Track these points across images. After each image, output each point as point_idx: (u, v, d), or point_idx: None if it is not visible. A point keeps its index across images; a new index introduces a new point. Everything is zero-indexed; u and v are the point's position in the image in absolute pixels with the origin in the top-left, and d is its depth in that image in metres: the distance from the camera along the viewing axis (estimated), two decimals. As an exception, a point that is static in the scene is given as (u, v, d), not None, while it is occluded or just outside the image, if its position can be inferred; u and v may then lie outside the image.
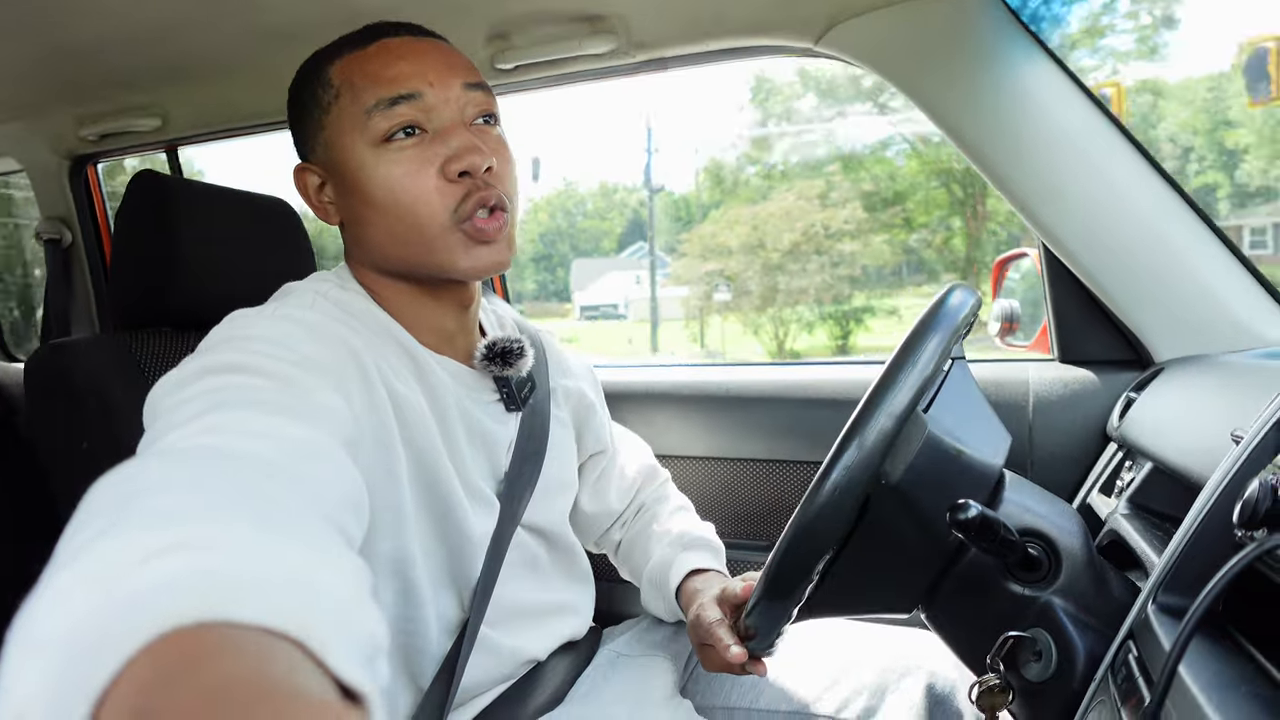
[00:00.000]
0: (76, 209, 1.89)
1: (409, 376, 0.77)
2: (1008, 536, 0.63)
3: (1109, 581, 0.69)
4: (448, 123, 0.72)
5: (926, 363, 0.64)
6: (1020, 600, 0.67)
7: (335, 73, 0.74)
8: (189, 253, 1.00)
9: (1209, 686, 0.37)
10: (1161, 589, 0.49)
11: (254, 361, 0.58)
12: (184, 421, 0.49)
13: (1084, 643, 0.63)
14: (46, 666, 0.27)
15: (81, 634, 0.28)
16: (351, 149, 0.73)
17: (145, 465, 0.43)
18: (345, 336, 0.71)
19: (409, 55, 0.73)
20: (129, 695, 0.25)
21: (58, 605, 0.30)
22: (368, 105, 0.71)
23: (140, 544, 0.32)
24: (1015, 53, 1.09)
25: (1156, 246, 1.06)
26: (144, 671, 0.25)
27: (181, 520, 0.34)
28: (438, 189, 0.71)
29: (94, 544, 0.33)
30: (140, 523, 0.34)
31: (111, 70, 1.53)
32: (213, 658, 0.25)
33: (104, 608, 0.28)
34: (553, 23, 1.28)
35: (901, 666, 0.91)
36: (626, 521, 1.11)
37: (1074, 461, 1.16)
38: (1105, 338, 1.19)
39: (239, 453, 0.45)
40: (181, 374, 0.57)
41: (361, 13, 1.32)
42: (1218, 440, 0.66)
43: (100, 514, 0.37)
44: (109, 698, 0.25)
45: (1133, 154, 1.08)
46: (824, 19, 1.15)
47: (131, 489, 0.39)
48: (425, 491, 0.78)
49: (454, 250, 0.73)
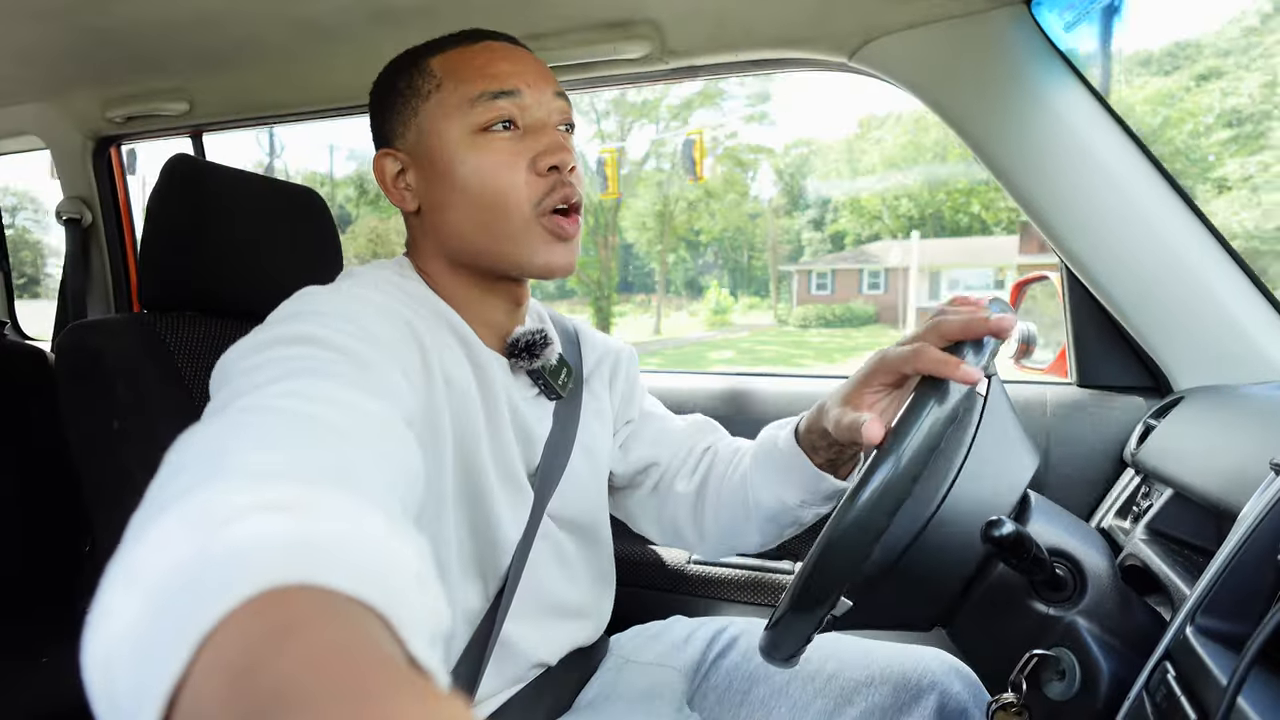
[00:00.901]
0: (98, 189, 1.90)
1: (464, 363, 0.79)
2: (1039, 555, 0.63)
3: (1132, 604, 0.70)
4: (539, 122, 0.77)
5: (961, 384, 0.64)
6: (1045, 619, 0.68)
7: (437, 64, 0.78)
8: (219, 237, 1.01)
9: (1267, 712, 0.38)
10: (1200, 612, 0.49)
11: (325, 334, 0.58)
12: (261, 385, 0.49)
13: (1108, 663, 0.64)
14: (143, 607, 0.28)
15: (181, 579, 0.29)
16: (448, 134, 0.76)
17: (233, 420, 0.44)
18: (409, 318, 0.73)
19: (511, 57, 0.78)
20: (230, 649, 0.25)
21: (159, 548, 0.31)
22: (471, 95, 0.75)
23: (237, 498, 0.33)
24: (1047, 76, 1.10)
25: (1181, 275, 1.07)
26: (245, 626, 0.26)
27: (275, 478, 0.36)
28: (526, 181, 0.75)
29: (193, 492, 0.34)
30: (237, 476, 0.36)
31: (143, 54, 1.54)
32: (315, 622, 0.26)
33: (205, 557, 0.29)
34: (587, 27, 1.29)
35: (915, 686, 0.91)
36: (695, 469, 0.99)
37: (1090, 485, 1.17)
38: (1124, 363, 1.20)
39: (318, 417, 0.45)
40: (254, 341, 0.58)
41: (392, 8, 1.34)
42: (1247, 469, 0.67)
43: (195, 464, 0.38)
44: (208, 647, 0.26)
45: (1160, 182, 1.08)
46: (858, 35, 1.16)
47: (223, 444, 0.40)
48: (464, 477, 0.79)
49: (534, 244, 0.77)
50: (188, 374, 0.96)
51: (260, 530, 0.30)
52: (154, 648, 0.26)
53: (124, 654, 0.28)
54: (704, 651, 1.03)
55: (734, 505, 0.93)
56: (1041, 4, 1.09)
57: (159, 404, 0.89)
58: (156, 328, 0.97)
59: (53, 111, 1.82)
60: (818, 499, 0.85)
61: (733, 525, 0.94)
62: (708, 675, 1.01)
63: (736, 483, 0.93)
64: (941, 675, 0.92)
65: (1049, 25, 1.10)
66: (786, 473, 0.86)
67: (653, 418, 1.04)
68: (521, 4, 1.27)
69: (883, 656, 0.96)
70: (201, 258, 1.00)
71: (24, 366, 1.62)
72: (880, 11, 1.13)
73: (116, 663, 0.28)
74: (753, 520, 0.91)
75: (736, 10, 1.21)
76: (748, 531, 0.93)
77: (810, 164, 28.62)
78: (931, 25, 1.12)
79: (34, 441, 1.58)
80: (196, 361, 0.98)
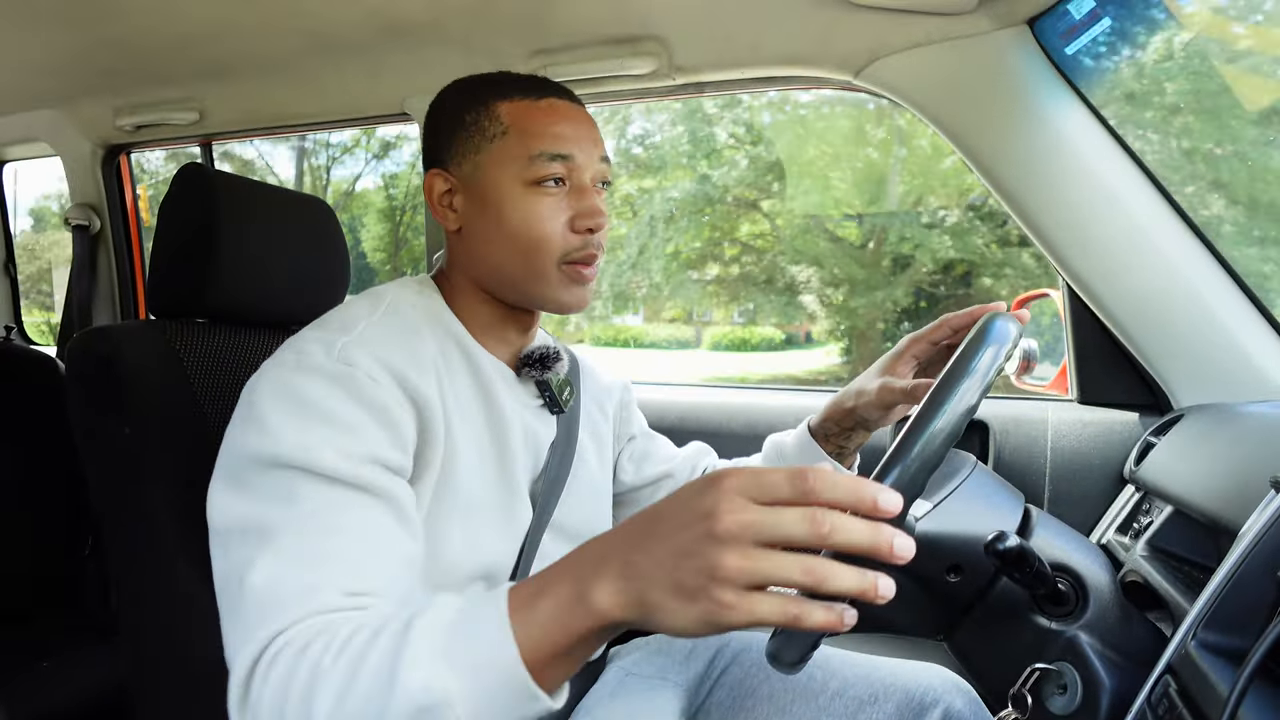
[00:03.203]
0: (107, 197, 1.91)
1: (467, 376, 0.85)
2: (1041, 569, 0.64)
3: (1133, 619, 0.70)
4: (584, 183, 0.85)
5: (986, 370, 0.63)
6: (1047, 634, 0.68)
7: (505, 112, 0.84)
8: (228, 246, 1.01)
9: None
10: (1201, 627, 0.50)
11: (334, 469, 0.67)
12: (307, 558, 0.62)
13: (1110, 678, 0.64)
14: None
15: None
16: (503, 179, 0.84)
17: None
18: (404, 360, 0.77)
19: (572, 119, 0.85)
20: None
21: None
22: (533, 151, 0.82)
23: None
24: (1050, 96, 1.12)
25: (1182, 294, 1.08)
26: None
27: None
28: (562, 235, 0.84)
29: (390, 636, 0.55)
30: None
31: (155, 64, 1.55)
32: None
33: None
34: (595, 43, 1.31)
35: (918, 703, 0.91)
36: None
37: (1090, 501, 1.17)
38: (1125, 381, 1.20)
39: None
40: (276, 482, 0.67)
41: (400, 23, 1.35)
42: (1247, 487, 0.68)
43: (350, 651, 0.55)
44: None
45: (1161, 202, 1.10)
46: (864, 54, 1.18)
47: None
48: (465, 489, 0.81)
49: (556, 286, 0.85)
50: (197, 381, 0.97)
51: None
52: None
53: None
54: (707, 667, 1.03)
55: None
56: (1044, 24, 1.10)
57: (169, 410, 0.90)
58: (167, 335, 0.98)
59: (63, 119, 1.83)
60: None
61: None
62: (712, 691, 1.00)
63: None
64: (944, 692, 0.92)
65: (1052, 45, 1.12)
66: (799, 463, 0.97)
67: (657, 438, 1.12)
68: (531, 19, 1.29)
69: (886, 674, 0.96)
70: (211, 266, 1.00)
71: (31, 371, 1.62)
72: (886, 31, 1.15)
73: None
74: None
75: (743, 28, 1.22)
76: None
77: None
78: (936, 45, 1.14)
79: (39, 446, 1.58)
80: (205, 369, 0.99)
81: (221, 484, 0.69)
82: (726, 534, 0.47)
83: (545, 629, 0.52)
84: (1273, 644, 0.40)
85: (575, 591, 0.52)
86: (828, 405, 0.96)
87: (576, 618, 0.52)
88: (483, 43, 1.37)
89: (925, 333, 0.88)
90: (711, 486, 0.49)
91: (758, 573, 0.47)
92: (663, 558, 0.49)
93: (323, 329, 0.78)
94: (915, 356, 0.89)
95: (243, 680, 0.57)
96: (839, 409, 0.94)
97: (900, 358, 0.90)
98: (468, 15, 1.30)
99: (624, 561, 0.52)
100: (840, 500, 0.47)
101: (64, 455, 1.52)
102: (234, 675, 0.58)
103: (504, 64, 0.97)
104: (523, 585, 0.55)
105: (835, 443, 0.96)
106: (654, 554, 0.50)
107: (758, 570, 0.47)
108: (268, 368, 0.74)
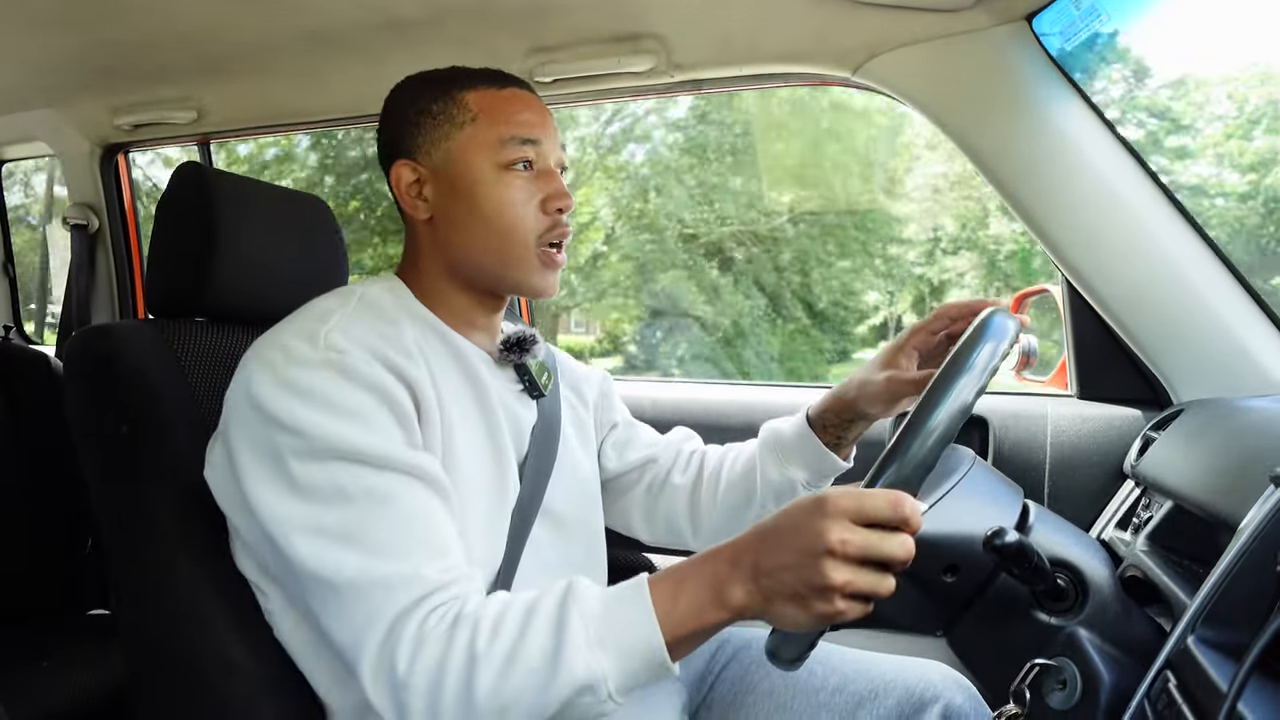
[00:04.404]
0: (105, 196, 1.91)
1: (451, 363, 0.86)
2: (1040, 565, 0.64)
3: (1133, 614, 0.70)
4: (549, 166, 0.88)
5: (984, 369, 0.63)
6: (1046, 629, 0.68)
7: (473, 100, 0.87)
8: (227, 245, 1.01)
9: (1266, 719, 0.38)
10: (1200, 622, 0.50)
11: (365, 452, 0.71)
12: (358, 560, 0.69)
13: (1109, 673, 0.64)
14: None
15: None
16: (476, 164, 0.85)
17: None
18: (395, 350, 0.78)
19: (534, 107, 0.89)
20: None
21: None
22: (503, 136, 0.85)
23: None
24: (1048, 92, 1.12)
25: (1182, 289, 1.08)
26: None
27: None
28: (535, 216, 0.86)
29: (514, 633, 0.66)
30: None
31: (153, 63, 1.55)
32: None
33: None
34: (594, 40, 1.31)
35: (918, 699, 0.91)
36: (689, 464, 1.08)
37: (1089, 496, 1.17)
38: (1124, 376, 1.21)
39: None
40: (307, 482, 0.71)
41: (400, 21, 1.35)
42: (1247, 481, 0.68)
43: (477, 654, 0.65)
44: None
45: (1161, 198, 1.10)
46: (863, 51, 1.18)
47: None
48: (464, 470, 0.81)
49: (531, 269, 0.87)
50: (195, 380, 0.97)
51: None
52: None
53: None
54: (707, 664, 1.03)
55: (737, 488, 1.02)
56: (1042, 20, 1.10)
57: (167, 409, 0.90)
58: (165, 334, 0.98)
59: (61, 118, 1.83)
60: (819, 478, 0.99)
61: (733, 510, 1.03)
62: (712, 687, 1.01)
63: (742, 466, 1.03)
64: (944, 688, 0.92)
65: (1050, 41, 1.12)
66: (797, 452, 0.98)
67: (639, 426, 1.13)
68: (529, 17, 1.29)
69: (885, 670, 0.96)
70: (209, 265, 1.00)
71: (29, 370, 1.62)
72: (884, 28, 1.15)
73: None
74: (755, 502, 1.01)
75: (741, 25, 1.22)
76: (746, 518, 1.01)
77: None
78: (934, 41, 1.14)
79: (38, 445, 1.58)
80: (203, 368, 0.98)
81: (266, 487, 0.72)
82: (836, 551, 0.59)
83: (684, 620, 0.65)
84: (1272, 639, 0.40)
85: (713, 589, 0.64)
86: (827, 396, 0.98)
87: (713, 611, 0.64)
88: (481, 41, 1.37)
89: (925, 323, 0.91)
90: (821, 508, 0.60)
91: (859, 586, 0.59)
92: (784, 565, 0.61)
93: (299, 321, 0.80)
94: (916, 348, 0.91)
95: (376, 664, 0.66)
96: (839, 400, 0.96)
97: (902, 350, 0.91)
98: (466, 13, 1.30)
99: (754, 565, 0.63)
100: (917, 527, 0.59)
101: (63, 455, 1.52)
102: (364, 663, 0.67)
103: (502, 62, 0.97)
104: (660, 581, 0.67)
105: (833, 433, 0.97)
106: (778, 560, 0.62)
107: (860, 584, 0.59)
108: (255, 369, 0.76)
